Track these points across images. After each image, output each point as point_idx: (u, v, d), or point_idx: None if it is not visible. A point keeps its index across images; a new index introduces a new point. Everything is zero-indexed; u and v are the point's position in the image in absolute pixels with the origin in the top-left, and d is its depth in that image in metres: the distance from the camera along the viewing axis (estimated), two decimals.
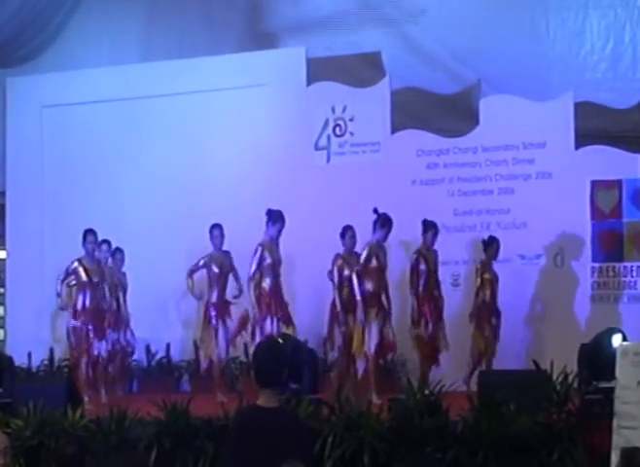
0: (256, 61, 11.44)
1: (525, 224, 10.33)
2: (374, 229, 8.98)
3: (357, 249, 9.27)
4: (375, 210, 8.94)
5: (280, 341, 4.20)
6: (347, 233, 9.52)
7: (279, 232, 9.18)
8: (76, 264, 9.51)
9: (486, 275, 9.52)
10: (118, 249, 10.54)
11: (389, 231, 9.00)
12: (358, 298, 8.83)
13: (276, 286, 9.12)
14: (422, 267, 9.19)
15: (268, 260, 9.08)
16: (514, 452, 6.15)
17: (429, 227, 9.36)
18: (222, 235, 9.62)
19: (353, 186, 10.74)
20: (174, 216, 11.36)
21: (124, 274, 10.60)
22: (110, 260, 10.41)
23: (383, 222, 8.98)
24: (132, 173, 11.72)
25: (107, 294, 9.77)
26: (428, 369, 9.03)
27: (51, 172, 12.22)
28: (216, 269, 9.58)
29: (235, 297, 9.53)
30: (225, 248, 9.68)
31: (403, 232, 9.53)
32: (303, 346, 4.14)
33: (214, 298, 9.53)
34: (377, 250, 8.94)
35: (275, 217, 9.17)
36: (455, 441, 6.27)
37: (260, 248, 9.09)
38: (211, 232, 9.65)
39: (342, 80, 11.13)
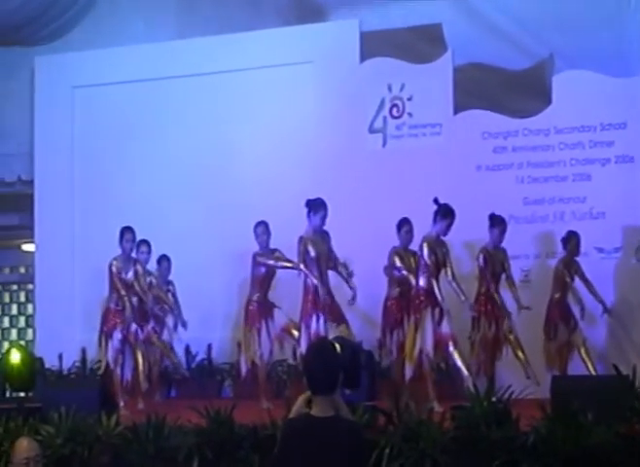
0: (303, 36, 11.44)
1: (603, 214, 10.21)
2: (435, 220, 8.88)
3: (415, 243, 9.21)
4: (436, 200, 8.85)
5: (336, 344, 4.14)
6: (403, 227, 9.49)
7: (322, 220, 9.11)
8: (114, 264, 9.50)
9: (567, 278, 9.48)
10: (164, 257, 10.56)
11: (451, 223, 8.85)
12: (414, 296, 8.78)
13: (322, 281, 9.09)
14: (488, 267, 9.18)
15: (312, 253, 9.06)
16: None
17: (497, 222, 9.27)
18: (267, 233, 9.61)
19: (412, 173, 10.69)
20: (212, 210, 11.42)
21: (171, 283, 10.65)
22: (156, 267, 10.47)
23: (445, 213, 8.83)
24: (168, 160, 11.79)
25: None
26: (493, 373, 9.00)
27: (82, 159, 12.33)
28: (262, 269, 9.59)
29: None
30: (271, 246, 9.68)
31: (466, 223, 9.43)
32: (360, 348, 4.09)
33: (256, 297, 9.55)
34: (436, 245, 8.83)
35: (316, 206, 9.08)
36: (526, 453, 6.20)
37: (301, 241, 9.07)
38: (255, 230, 9.65)
39: (399, 55, 11.07)
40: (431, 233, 8.87)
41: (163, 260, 10.63)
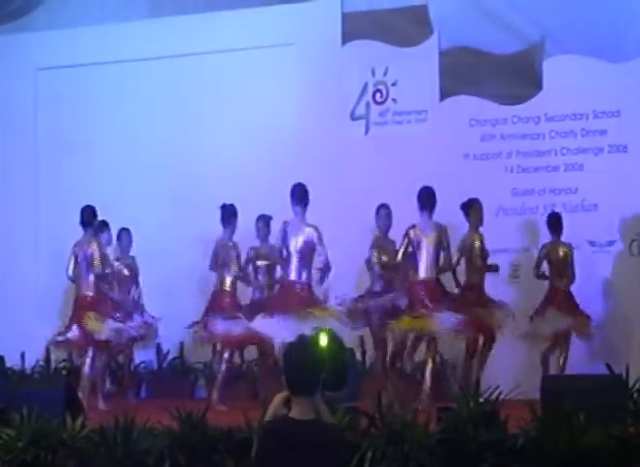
0: (283, 16, 11.38)
1: (596, 205, 10.23)
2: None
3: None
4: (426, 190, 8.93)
5: (323, 336, 4.11)
6: (380, 211, 9.52)
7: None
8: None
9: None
10: (123, 229, 10.57)
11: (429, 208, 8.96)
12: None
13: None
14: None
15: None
16: None
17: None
18: (267, 226, 9.94)
19: (395, 161, 10.68)
20: (183, 196, 11.38)
21: (132, 258, 10.64)
22: (115, 242, 10.48)
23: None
24: (138, 144, 11.73)
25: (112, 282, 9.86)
26: (482, 373, 9.03)
27: (46, 143, 12.26)
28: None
29: None
30: (244, 234, 9.73)
31: (452, 214, 9.44)
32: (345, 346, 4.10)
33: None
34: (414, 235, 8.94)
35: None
36: (516, 456, 6.20)
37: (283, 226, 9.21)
38: (256, 223, 10.00)
39: (383, 38, 11.05)
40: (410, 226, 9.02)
41: (123, 233, 10.60)
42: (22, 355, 11.51)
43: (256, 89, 11.34)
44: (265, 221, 10.08)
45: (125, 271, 10.52)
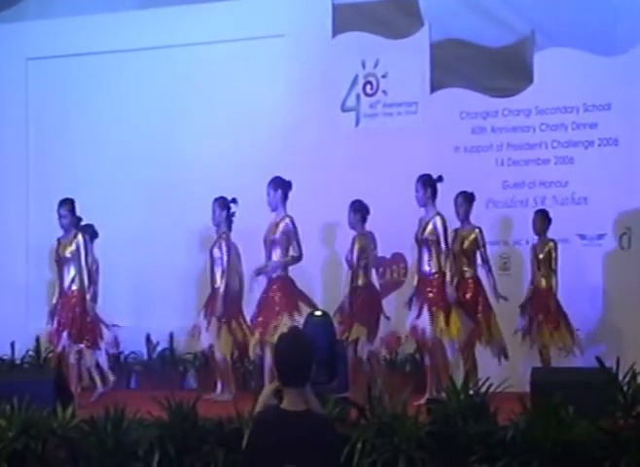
0: (272, 8, 11.34)
1: (586, 199, 10.24)
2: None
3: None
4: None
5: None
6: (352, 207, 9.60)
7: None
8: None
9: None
10: (88, 226, 10.38)
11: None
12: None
13: None
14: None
15: None
16: (573, 463, 6.09)
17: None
18: None
19: (386, 153, 10.68)
20: (172, 189, 11.36)
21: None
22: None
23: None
24: (128, 136, 11.70)
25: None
26: (473, 365, 9.04)
27: (36, 135, 12.21)
28: None
29: None
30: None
31: (443, 206, 9.44)
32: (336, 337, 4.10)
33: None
34: None
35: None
36: (505, 449, 6.21)
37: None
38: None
39: (374, 30, 11.02)
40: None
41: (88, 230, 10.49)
42: (12, 345, 11.49)
43: (246, 81, 11.31)
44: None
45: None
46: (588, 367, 7.74)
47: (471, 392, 6.68)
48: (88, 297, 9.42)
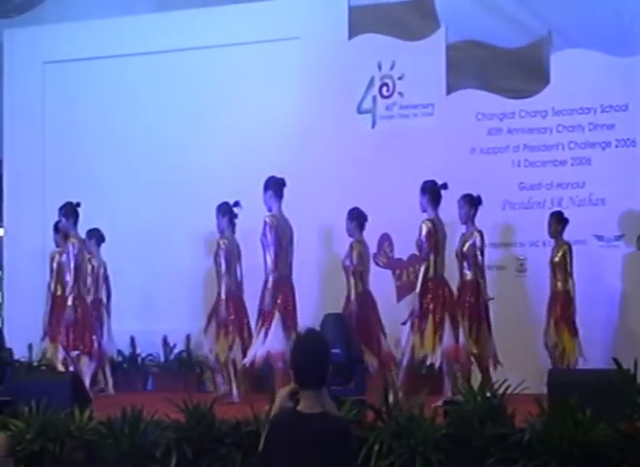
0: (288, 10, 11.37)
1: (603, 200, 10.21)
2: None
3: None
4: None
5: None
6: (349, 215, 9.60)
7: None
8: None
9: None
10: (94, 230, 10.48)
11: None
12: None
13: None
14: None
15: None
16: (590, 465, 6.08)
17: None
18: None
19: (402, 155, 10.68)
20: (188, 193, 11.38)
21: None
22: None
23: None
24: (145, 139, 11.75)
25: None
26: (487, 367, 9.04)
27: (53, 138, 12.27)
28: None
29: None
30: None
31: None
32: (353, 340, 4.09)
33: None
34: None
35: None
36: (522, 451, 6.21)
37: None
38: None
39: (390, 32, 11.03)
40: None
41: (94, 233, 10.51)
42: (30, 347, 11.54)
43: (262, 84, 11.34)
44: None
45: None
46: (606, 368, 7.72)
47: (488, 394, 6.67)
48: (88, 300, 9.53)
